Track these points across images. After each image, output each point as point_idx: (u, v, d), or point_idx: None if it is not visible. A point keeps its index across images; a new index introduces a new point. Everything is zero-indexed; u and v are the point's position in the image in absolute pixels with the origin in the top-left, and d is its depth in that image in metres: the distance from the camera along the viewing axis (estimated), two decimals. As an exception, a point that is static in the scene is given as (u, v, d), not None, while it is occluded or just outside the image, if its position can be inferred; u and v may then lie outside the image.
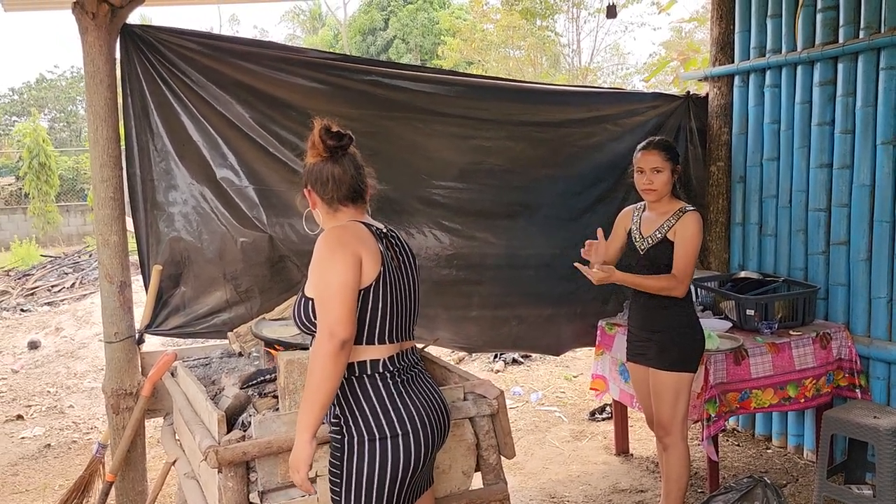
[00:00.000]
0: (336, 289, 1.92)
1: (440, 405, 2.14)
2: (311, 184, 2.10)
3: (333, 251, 1.96)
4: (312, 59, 3.62)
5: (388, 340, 2.05)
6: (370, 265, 1.99)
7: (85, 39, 3.09)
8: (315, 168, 2.08)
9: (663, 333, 3.04)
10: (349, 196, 2.08)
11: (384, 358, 2.03)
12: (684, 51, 7.48)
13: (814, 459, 3.92)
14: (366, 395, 2.01)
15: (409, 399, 2.04)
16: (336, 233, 2.02)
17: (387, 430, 1.98)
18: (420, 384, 2.12)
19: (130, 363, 3.26)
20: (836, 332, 3.75)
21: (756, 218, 4.38)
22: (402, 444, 1.98)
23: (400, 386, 2.04)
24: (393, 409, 2.00)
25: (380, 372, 2.02)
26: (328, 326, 1.90)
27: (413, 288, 2.17)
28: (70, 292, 10.75)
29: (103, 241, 3.19)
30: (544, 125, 4.12)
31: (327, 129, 2.04)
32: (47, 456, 4.70)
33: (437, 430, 2.09)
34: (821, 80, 3.92)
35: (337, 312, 1.90)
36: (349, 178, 2.07)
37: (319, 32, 27.94)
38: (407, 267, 2.16)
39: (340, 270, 1.93)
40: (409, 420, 2.01)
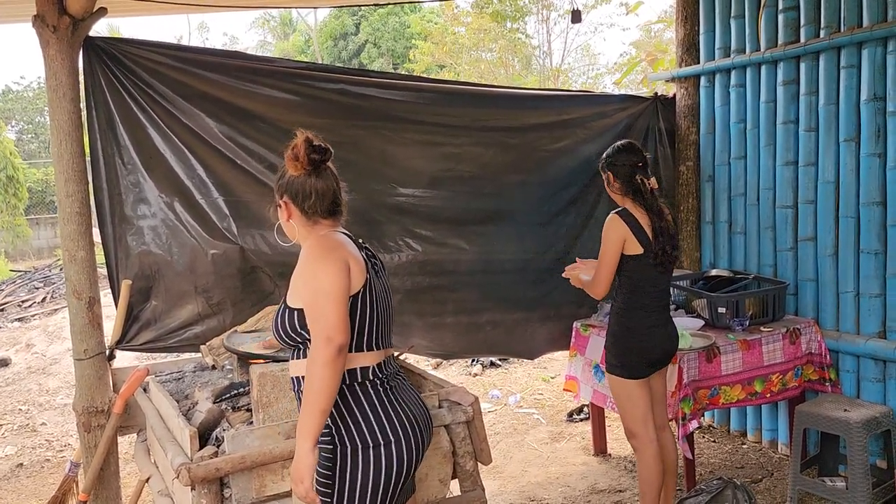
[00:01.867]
0: (329, 294, 1.90)
1: (425, 411, 2.16)
2: (289, 196, 2.08)
3: (323, 257, 1.96)
4: (280, 68, 3.61)
5: (375, 347, 2.06)
6: (357, 272, 1.99)
7: (46, 53, 3.05)
8: (297, 181, 2.05)
9: (608, 337, 3.14)
10: (330, 210, 2.08)
11: (374, 365, 2.04)
12: (652, 51, 7.55)
13: (788, 454, 3.97)
14: (358, 403, 2.01)
15: (399, 406, 2.05)
16: (323, 240, 2.03)
17: (380, 438, 1.98)
18: (405, 391, 2.13)
19: (101, 380, 3.21)
20: (806, 326, 3.80)
21: (725, 216, 4.43)
22: (395, 450, 1.99)
23: (390, 393, 2.05)
24: (385, 416, 2.01)
25: (370, 379, 2.03)
26: (324, 332, 1.88)
27: (389, 296, 2.19)
28: (41, 307, 10.58)
29: (70, 257, 3.14)
30: (514, 130, 4.13)
31: (310, 142, 2.03)
32: (20, 475, 4.61)
33: (424, 435, 2.11)
34: (784, 79, 3.99)
35: (332, 317, 1.89)
36: (331, 192, 2.08)
37: (290, 38, 27.81)
38: (383, 276, 2.19)
39: (332, 276, 1.92)
40: (400, 427, 2.02)
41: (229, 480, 2.26)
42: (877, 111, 3.55)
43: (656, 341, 3.04)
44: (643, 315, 3.03)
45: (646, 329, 3.03)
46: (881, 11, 3.50)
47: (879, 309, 3.63)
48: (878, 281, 3.62)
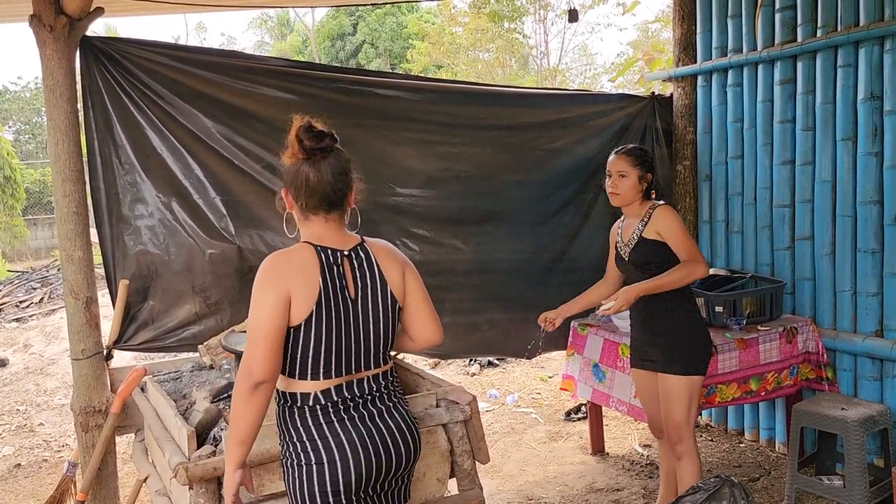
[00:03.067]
0: (257, 327, 1.86)
1: (393, 432, 2.03)
2: (286, 185, 1.98)
3: (261, 289, 1.89)
4: (277, 67, 3.60)
5: (322, 376, 1.96)
6: (301, 303, 1.89)
7: (43, 52, 3.04)
8: (291, 170, 1.94)
9: (668, 337, 3.01)
10: (321, 205, 1.95)
11: (316, 392, 1.96)
12: (649, 51, 7.56)
13: (785, 452, 3.98)
14: (294, 424, 1.97)
15: (342, 430, 1.96)
16: (271, 264, 1.93)
17: (312, 457, 1.94)
18: (368, 412, 2.01)
19: (99, 380, 3.21)
20: (803, 325, 3.81)
21: (723, 215, 4.44)
22: (328, 471, 1.93)
23: (332, 416, 1.96)
24: (321, 438, 1.94)
25: (309, 405, 1.96)
26: (246, 367, 1.85)
27: (376, 313, 2.02)
28: (39, 307, 10.56)
29: (67, 256, 3.14)
30: (511, 129, 4.13)
31: (306, 127, 1.90)
32: (17, 476, 4.61)
33: (381, 456, 1.99)
34: (781, 78, 3.99)
35: (257, 353, 1.84)
36: (324, 185, 1.92)
37: (288, 39, 27.80)
38: (370, 291, 2.01)
39: (265, 310, 1.86)
40: (337, 448, 1.94)
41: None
42: (874, 110, 3.56)
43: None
44: (696, 307, 3.12)
45: (705, 324, 3.12)
46: (878, 10, 3.51)
47: (876, 308, 3.64)
48: (875, 280, 3.63)
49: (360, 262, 2.02)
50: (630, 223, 3.12)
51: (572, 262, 4.31)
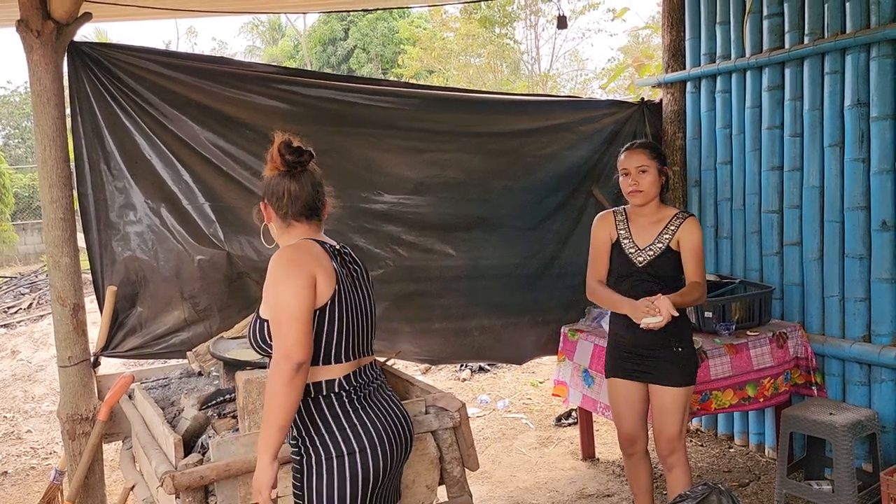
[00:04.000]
0: (291, 311, 1.90)
1: (401, 419, 2.13)
2: (267, 197, 2.09)
3: (287, 272, 1.94)
4: (266, 74, 3.59)
5: (344, 359, 2.03)
6: (325, 284, 1.97)
7: (30, 58, 3.02)
8: (272, 182, 2.06)
9: (674, 349, 2.90)
10: (303, 212, 2.07)
11: (340, 377, 2.02)
12: (639, 57, 7.59)
13: (775, 457, 3.98)
14: (321, 414, 2.00)
15: (367, 415, 2.03)
16: (289, 252, 2.00)
17: (343, 448, 1.97)
18: (379, 399, 2.11)
19: (86, 387, 3.18)
20: (792, 331, 3.82)
21: (712, 221, 4.45)
22: (359, 460, 1.97)
23: (356, 403, 2.03)
24: (349, 426, 1.99)
25: (335, 392, 2.01)
26: (284, 350, 1.88)
27: (368, 303, 2.16)
28: (27, 313, 10.50)
29: (54, 263, 3.12)
30: (500, 136, 4.13)
31: (287, 143, 2.03)
32: (4, 484, 4.57)
33: (396, 444, 2.08)
34: (769, 84, 4.02)
35: (293, 335, 1.88)
36: (305, 194, 2.05)
37: (279, 43, 27.79)
38: (362, 283, 2.16)
39: (295, 292, 1.91)
40: (366, 436, 1.99)
41: (214, 488, 2.24)
42: (860, 116, 3.58)
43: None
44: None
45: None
46: (864, 18, 3.53)
47: (864, 313, 3.66)
48: (862, 285, 3.65)
49: (348, 257, 2.16)
50: (645, 227, 2.95)
51: (563, 268, 4.32)
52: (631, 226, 2.99)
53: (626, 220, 3.01)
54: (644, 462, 3.13)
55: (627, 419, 3.07)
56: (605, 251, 3.02)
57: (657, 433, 3.00)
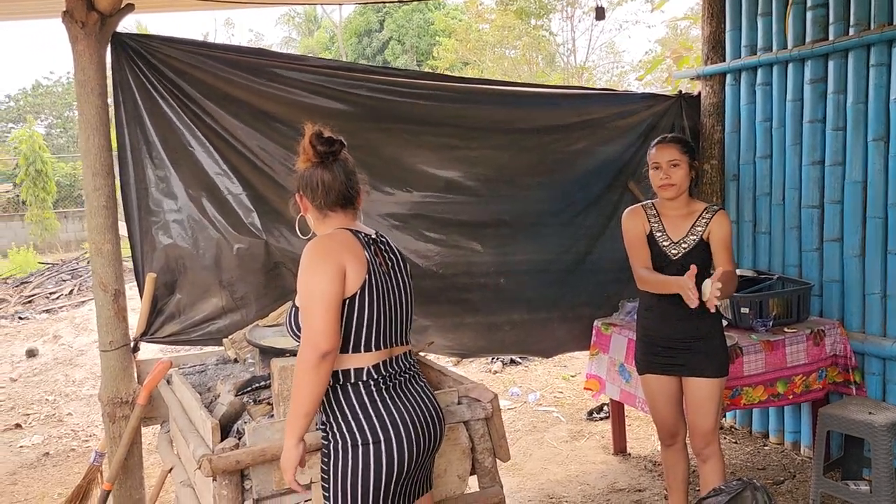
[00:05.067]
0: (318, 300, 1.93)
1: (431, 410, 2.14)
2: (301, 189, 2.12)
3: (316, 262, 1.97)
4: (302, 66, 3.58)
5: (374, 348, 2.05)
6: (355, 274, 1.99)
7: (75, 48, 3.09)
8: (305, 174, 2.10)
9: (707, 341, 2.91)
10: (338, 202, 2.10)
11: (368, 366, 2.04)
12: (678, 49, 7.48)
13: (811, 456, 3.92)
14: (349, 402, 2.02)
15: (394, 405, 2.04)
16: (320, 243, 2.03)
17: (369, 436, 1.99)
18: (410, 389, 2.12)
19: (126, 371, 3.26)
20: (831, 328, 3.75)
21: (750, 215, 4.38)
22: (384, 449, 1.99)
23: (384, 392, 2.05)
24: (376, 415, 2.01)
25: (363, 380, 2.03)
26: (311, 337, 1.92)
27: (404, 293, 2.17)
28: (68, 299, 10.76)
29: (97, 249, 3.19)
30: (533, 131, 4.09)
31: (318, 134, 2.05)
32: (46, 464, 4.70)
33: (425, 434, 2.09)
34: (812, 77, 3.93)
35: (319, 324, 1.92)
36: (339, 184, 2.08)
37: (315, 35, 27.97)
38: (397, 272, 2.16)
39: (323, 281, 1.94)
40: (392, 426, 2.01)
41: (249, 472, 2.28)
42: (907, 110, 3.49)
43: None
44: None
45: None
46: (912, 9, 3.45)
47: (907, 311, 3.58)
48: (905, 283, 3.56)
49: (384, 245, 2.18)
50: (677, 220, 2.96)
51: (595, 263, 4.29)
52: (663, 219, 2.99)
53: (658, 214, 3.01)
54: (683, 454, 3.14)
55: (666, 413, 3.07)
56: (643, 241, 3.01)
57: (692, 426, 3.00)
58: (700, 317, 2.87)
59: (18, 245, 16.15)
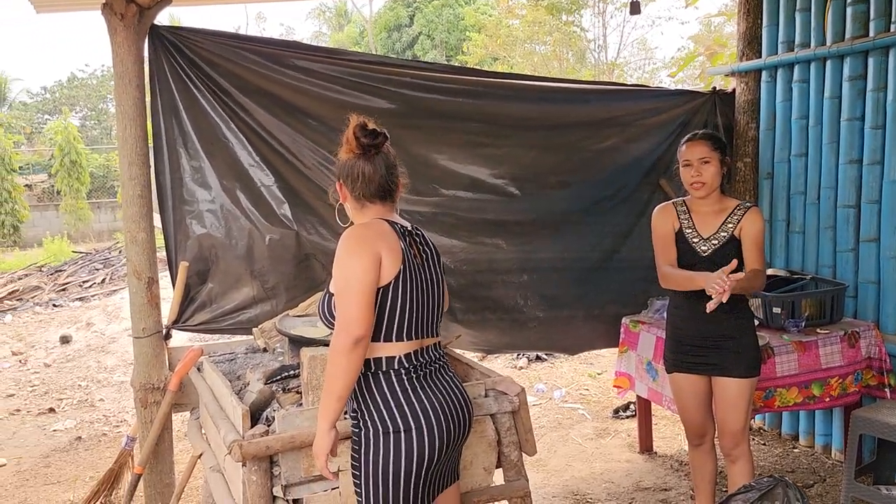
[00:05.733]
0: (353, 286, 1.96)
1: (460, 401, 2.15)
2: (342, 178, 2.14)
3: (353, 249, 2.00)
4: (334, 60, 3.58)
5: (405, 338, 2.07)
6: (390, 263, 2.02)
7: (114, 40, 3.15)
8: (347, 164, 2.12)
9: (738, 340, 2.88)
10: (377, 194, 2.12)
11: (400, 355, 2.06)
12: (711, 45, 7.39)
13: (842, 459, 3.86)
14: (380, 390, 2.04)
15: (425, 395, 2.06)
16: (357, 231, 2.06)
17: (400, 424, 2.01)
18: (439, 380, 2.14)
19: (158, 358, 3.31)
20: (865, 330, 3.69)
21: (783, 215, 4.32)
22: (415, 437, 2.01)
23: (415, 381, 2.06)
24: (407, 403, 2.03)
25: (395, 369, 2.05)
26: (345, 323, 1.94)
27: (436, 285, 2.19)
28: (100, 288, 10.94)
29: (131, 238, 3.25)
30: (562, 128, 4.06)
31: (363, 126, 2.08)
32: (78, 448, 4.80)
33: (454, 425, 2.10)
34: (850, 74, 3.86)
35: (353, 310, 1.95)
36: (379, 176, 2.10)
37: (345, 29, 28.08)
38: (431, 265, 2.18)
39: (358, 268, 1.97)
40: (423, 415, 2.03)
41: (279, 459, 2.31)
42: (949, 109, 3.42)
43: None
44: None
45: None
46: (957, 5, 3.36)
47: (944, 314, 3.50)
48: (944, 285, 3.49)
49: (419, 237, 2.21)
50: (708, 217, 2.93)
51: (623, 262, 4.25)
52: (693, 216, 2.97)
53: (688, 211, 2.99)
54: (711, 454, 3.12)
55: (694, 413, 3.04)
56: (671, 240, 2.99)
57: (721, 426, 2.97)
58: (731, 315, 2.85)
59: (53, 234, 16.46)
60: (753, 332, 2.96)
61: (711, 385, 2.98)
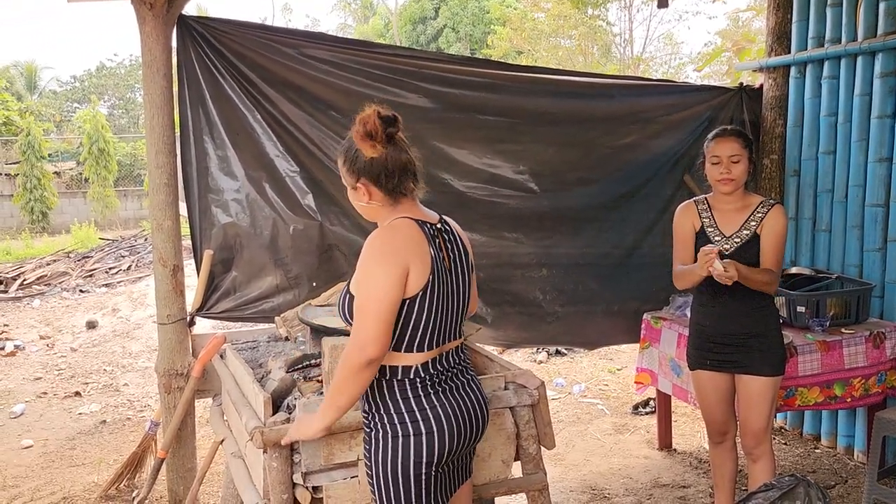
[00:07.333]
0: (374, 305, 1.86)
1: (475, 404, 2.10)
2: (368, 177, 1.96)
3: (379, 260, 1.89)
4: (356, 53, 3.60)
5: (426, 348, 1.99)
6: (418, 275, 1.91)
7: (143, 29, 3.18)
8: (378, 161, 1.93)
9: (763, 338, 2.86)
10: (414, 181, 2.00)
11: (417, 365, 1.99)
12: (739, 41, 7.30)
13: (864, 461, 3.82)
14: (392, 397, 1.99)
15: (438, 400, 2.00)
16: (386, 237, 1.94)
17: (410, 429, 1.97)
18: (457, 383, 2.07)
19: (182, 345, 3.36)
20: (892, 331, 3.64)
21: (810, 213, 4.27)
22: (425, 442, 1.96)
23: (429, 388, 2.00)
24: (419, 409, 1.98)
25: (410, 378, 1.99)
26: (360, 341, 1.86)
27: (464, 287, 2.09)
28: (126, 275, 11.08)
29: (157, 225, 3.29)
30: (584, 122, 4.03)
31: (380, 115, 1.91)
32: (103, 431, 4.88)
33: (467, 428, 2.06)
34: (882, 71, 3.80)
35: (371, 331, 1.85)
36: (410, 161, 1.98)
37: (370, 21, 28.09)
38: (459, 265, 2.08)
39: (383, 284, 1.86)
40: (435, 420, 1.98)
41: (299, 446, 2.33)
42: (982, 107, 3.35)
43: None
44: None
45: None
46: None
47: (973, 316, 3.44)
48: (973, 287, 3.43)
49: (448, 234, 2.07)
50: (730, 214, 2.90)
51: (643, 258, 4.23)
52: (715, 214, 2.94)
53: (710, 209, 2.96)
54: (732, 452, 3.10)
55: (717, 411, 3.03)
56: (690, 239, 2.97)
57: (743, 424, 2.95)
58: (752, 312, 2.84)
59: (81, 221, 16.68)
60: (779, 331, 2.93)
61: (735, 383, 2.96)
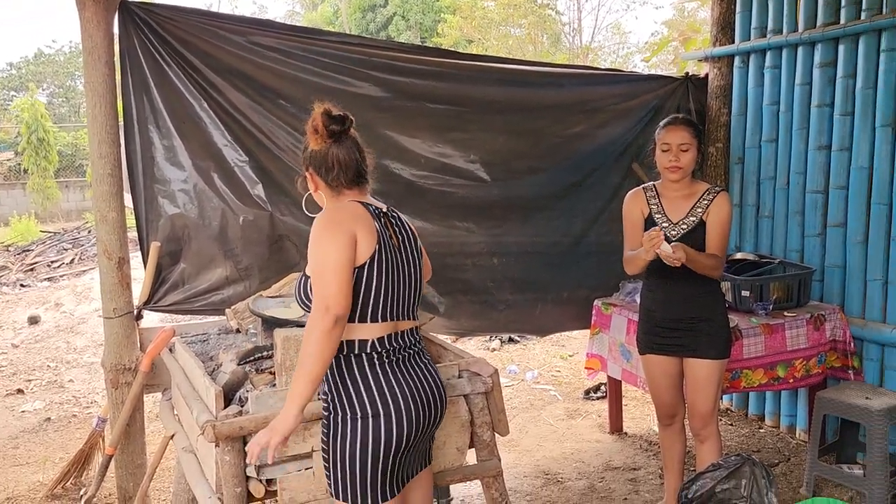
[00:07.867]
0: (331, 265, 1.94)
1: (433, 388, 2.14)
2: (313, 168, 2.09)
3: (328, 229, 1.98)
4: (308, 40, 3.55)
5: (380, 319, 2.05)
6: (365, 243, 2.00)
7: (83, 15, 3.08)
8: (319, 153, 2.07)
9: (709, 322, 2.93)
10: (354, 180, 2.10)
11: (374, 338, 2.04)
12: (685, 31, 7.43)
13: (806, 439, 3.96)
14: (351, 374, 2.03)
15: (396, 380, 2.05)
16: (331, 213, 2.04)
17: (369, 410, 2.00)
18: (414, 366, 2.12)
19: (129, 339, 3.28)
20: (831, 313, 3.77)
21: (753, 199, 4.38)
22: (383, 423, 1.99)
23: (387, 366, 2.05)
24: (377, 389, 2.02)
25: (367, 352, 2.03)
26: (323, 302, 1.91)
27: (414, 268, 2.17)
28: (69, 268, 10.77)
29: (101, 217, 3.20)
30: (533, 111, 4.04)
31: (328, 113, 2.03)
32: (47, 429, 4.75)
33: (426, 412, 2.09)
34: (821, 61, 3.92)
35: (332, 288, 1.92)
36: (354, 161, 2.08)
37: (319, 9, 27.69)
38: (407, 246, 2.16)
39: (335, 247, 1.95)
40: (393, 401, 2.02)
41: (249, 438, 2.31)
42: (916, 97, 3.48)
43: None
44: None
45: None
46: (925, -6, 3.42)
47: (907, 298, 3.59)
48: (907, 270, 3.57)
49: (395, 219, 2.19)
50: (678, 201, 2.96)
51: (591, 246, 4.27)
52: (663, 201, 3.01)
53: (658, 196, 3.03)
54: (681, 434, 3.18)
55: (665, 393, 3.10)
56: (640, 225, 3.03)
57: (691, 406, 3.03)
58: (701, 297, 2.92)
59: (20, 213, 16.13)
60: (725, 315, 3.01)
61: (682, 366, 3.03)
